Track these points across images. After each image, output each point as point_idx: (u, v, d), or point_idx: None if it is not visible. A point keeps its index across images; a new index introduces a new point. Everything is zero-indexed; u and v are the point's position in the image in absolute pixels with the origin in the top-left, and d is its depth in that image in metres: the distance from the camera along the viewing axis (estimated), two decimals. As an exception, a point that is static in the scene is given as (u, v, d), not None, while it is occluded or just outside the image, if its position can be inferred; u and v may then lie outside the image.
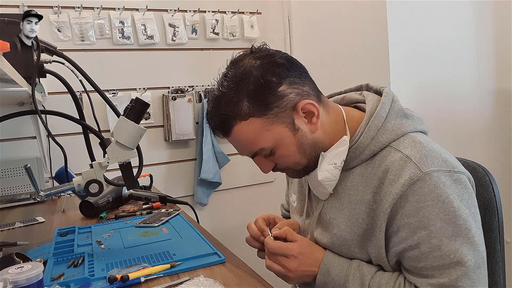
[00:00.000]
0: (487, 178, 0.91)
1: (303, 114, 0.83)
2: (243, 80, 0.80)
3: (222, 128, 0.85)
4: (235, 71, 0.82)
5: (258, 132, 0.82)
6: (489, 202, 0.90)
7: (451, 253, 0.73)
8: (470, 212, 0.76)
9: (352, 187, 0.85)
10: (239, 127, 0.82)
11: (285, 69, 0.82)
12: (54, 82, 1.10)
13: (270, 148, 0.84)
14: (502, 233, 0.89)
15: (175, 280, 0.80)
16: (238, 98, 0.80)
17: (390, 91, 0.88)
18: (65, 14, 1.96)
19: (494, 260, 0.89)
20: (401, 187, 0.76)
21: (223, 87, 0.82)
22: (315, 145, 0.86)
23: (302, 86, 0.84)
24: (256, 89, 0.80)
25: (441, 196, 0.74)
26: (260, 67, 0.81)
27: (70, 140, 1.79)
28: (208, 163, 2.21)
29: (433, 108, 1.91)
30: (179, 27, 2.21)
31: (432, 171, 0.75)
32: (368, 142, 0.83)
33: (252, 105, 0.80)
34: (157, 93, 2.19)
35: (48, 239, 1.14)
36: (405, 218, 0.76)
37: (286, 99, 0.81)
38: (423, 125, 0.87)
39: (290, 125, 0.83)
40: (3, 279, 0.60)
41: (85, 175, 0.95)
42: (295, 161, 0.86)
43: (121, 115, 0.95)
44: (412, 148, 0.79)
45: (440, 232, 0.74)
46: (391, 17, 1.78)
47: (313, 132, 0.85)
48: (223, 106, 0.82)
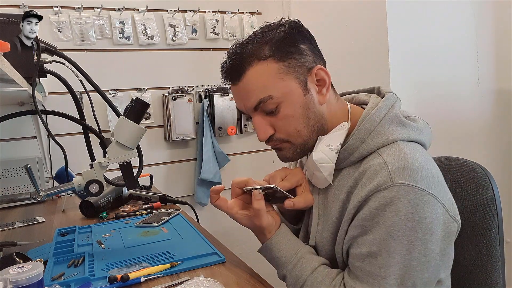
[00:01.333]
0: (487, 178, 0.91)
1: (316, 80, 0.85)
2: (270, 31, 0.84)
3: (237, 69, 0.84)
4: (265, 26, 0.86)
5: (272, 77, 0.82)
6: (488, 202, 0.90)
7: (382, 267, 0.74)
8: (423, 237, 0.72)
9: (338, 186, 0.85)
10: (254, 69, 0.82)
11: (308, 35, 0.87)
12: (54, 82, 1.10)
13: (277, 100, 0.82)
14: (502, 232, 0.89)
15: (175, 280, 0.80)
16: (261, 42, 0.83)
17: (393, 96, 0.87)
18: (65, 14, 1.96)
19: (494, 260, 0.89)
20: (368, 191, 0.76)
21: (249, 36, 0.86)
22: (319, 119, 0.85)
23: (319, 58, 0.87)
24: (280, 39, 0.83)
25: (400, 211, 0.72)
26: (287, 25, 0.85)
27: (70, 140, 1.79)
28: (208, 163, 2.21)
29: (433, 108, 1.91)
30: (179, 27, 2.21)
31: (403, 184, 0.73)
32: (358, 145, 0.82)
33: (274, 50, 0.82)
34: (157, 93, 2.19)
35: (48, 239, 1.14)
36: (361, 220, 0.77)
37: (305, 57, 0.84)
38: (422, 135, 0.84)
39: (302, 83, 0.84)
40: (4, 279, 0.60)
41: (85, 175, 0.95)
42: (297, 128, 0.84)
43: (121, 115, 0.95)
44: (394, 157, 0.77)
45: (382, 244, 0.73)
46: (391, 17, 1.78)
47: (321, 104, 0.86)
48: (245, 48, 0.83)
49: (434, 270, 0.76)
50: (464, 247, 0.92)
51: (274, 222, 0.89)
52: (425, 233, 0.72)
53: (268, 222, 0.87)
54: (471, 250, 0.91)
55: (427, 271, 0.75)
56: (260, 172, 0.85)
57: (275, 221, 0.89)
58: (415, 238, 0.72)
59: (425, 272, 0.74)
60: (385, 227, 0.73)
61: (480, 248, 0.90)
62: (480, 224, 0.90)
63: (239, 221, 0.91)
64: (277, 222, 0.89)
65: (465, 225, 0.92)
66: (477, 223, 0.90)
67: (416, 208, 0.72)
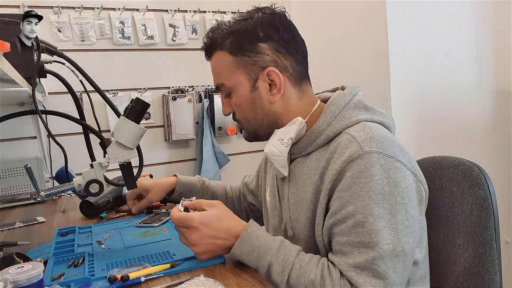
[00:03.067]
0: (482, 177, 0.91)
1: (269, 80, 0.89)
2: (241, 21, 0.90)
3: (206, 48, 0.95)
4: (244, 13, 0.94)
5: (225, 68, 0.91)
6: (484, 201, 0.90)
7: (372, 232, 0.74)
8: (402, 201, 0.76)
9: (308, 171, 0.88)
10: (216, 55, 0.93)
11: (276, 33, 0.89)
12: (54, 82, 1.10)
13: (228, 88, 0.92)
14: (498, 231, 0.90)
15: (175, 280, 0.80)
16: (228, 31, 0.90)
17: (356, 87, 0.92)
18: (65, 14, 1.96)
19: (491, 258, 0.89)
20: (341, 163, 0.78)
21: (229, 20, 0.93)
22: (269, 115, 0.91)
23: (284, 59, 0.90)
24: (242, 32, 0.89)
25: (375, 176, 0.75)
26: (258, 18, 0.90)
27: (70, 140, 1.79)
28: (208, 163, 2.21)
29: (433, 108, 1.91)
30: (179, 27, 2.21)
31: (372, 151, 0.77)
32: (324, 128, 0.86)
33: (232, 43, 0.89)
34: (157, 93, 2.19)
35: (48, 239, 1.14)
36: (338, 192, 0.79)
37: (260, 57, 0.89)
38: (385, 119, 0.89)
39: (252, 80, 0.90)
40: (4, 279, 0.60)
41: (85, 175, 0.95)
42: (246, 118, 0.93)
43: (121, 115, 0.95)
44: (360, 131, 0.81)
45: (366, 209, 0.75)
46: (391, 18, 1.78)
47: (271, 103, 0.90)
48: (216, 33, 0.92)
49: (415, 239, 0.78)
50: (461, 245, 0.92)
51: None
52: (403, 197, 0.76)
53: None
54: (468, 249, 0.91)
55: (411, 236, 0.77)
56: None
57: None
58: (395, 202, 0.75)
59: (410, 237, 0.76)
60: (364, 193, 0.75)
61: (477, 247, 0.90)
62: (476, 223, 0.90)
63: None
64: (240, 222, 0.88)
65: (462, 224, 0.92)
66: (474, 221, 0.91)
67: (389, 173, 0.76)
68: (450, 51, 1.94)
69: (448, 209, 0.95)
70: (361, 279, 0.74)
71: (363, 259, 0.74)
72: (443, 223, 0.96)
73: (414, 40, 1.84)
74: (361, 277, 0.74)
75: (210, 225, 0.84)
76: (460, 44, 1.97)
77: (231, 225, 0.85)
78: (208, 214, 0.85)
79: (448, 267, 0.94)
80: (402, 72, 1.81)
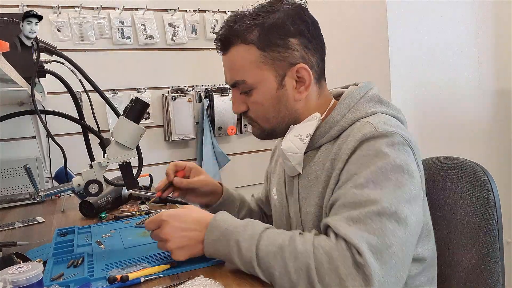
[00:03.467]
0: (486, 178, 0.91)
1: (296, 77, 0.85)
2: (267, 13, 0.83)
3: (225, 41, 0.87)
4: (267, 5, 0.85)
5: (249, 63, 0.84)
6: (487, 201, 0.90)
7: (371, 195, 0.70)
8: (410, 179, 0.72)
9: (319, 162, 0.85)
10: (237, 48, 0.85)
11: (306, 28, 0.84)
12: (53, 82, 1.10)
13: (250, 86, 0.85)
14: (501, 232, 0.89)
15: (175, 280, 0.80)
16: (253, 23, 0.83)
17: (371, 82, 0.90)
18: (64, 14, 1.96)
19: (494, 259, 0.89)
20: (354, 142, 0.76)
21: (249, 11, 0.86)
22: (291, 113, 0.87)
23: (311, 55, 0.86)
24: (271, 26, 0.82)
25: (386, 154, 0.73)
26: (286, 11, 0.83)
27: (70, 140, 1.78)
28: (208, 163, 2.21)
29: (433, 108, 1.91)
30: (179, 27, 2.21)
31: (386, 131, 0.75)
32: (338, 118, 0.84)
33: (260, 36, 0.82)
34: (157, 93, 2.19)
35: (47, 239, 1.14)
36: (347, 166, 0.76)
37: (291, 52, 0.83)
38: (400, 115, 0.87)
39: (279, 77, 0.85)
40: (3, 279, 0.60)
41: (84, 175, 0.95)
42: (265, 115, 0.88)
43: (121, 115, 0.95)
44: (375, 118, 0.80)
45: (369, 176, 0.72)
46: (391, 17, 1.78)
47: (296, 101, 0.86)
48: (238, 23, 0.84)
49: (419, 219, 0.74)
50: (463, 246, 0.92)
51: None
52: (411, 177, 0.73)
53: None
54: (471, 250, 0.91)
55: (416, 212, 0.72)
56: (260, 172, 0.86)
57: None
58: (401, 177, 0.72)
59: (414, 211, 0.71)
60: (371, 164, 0.73)
61: (479, 248, 0.90)
62: (479, 224, 0.90)
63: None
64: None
65: (465, 225, 0.92)
66: (477, 222, 0.90)
67: (399, 154, 0.73)
68: (450, 51, 1.94)
69: (451, 209, 0.95)
70: (350, 230, 0.67)
71: (357, 212, 0.69)
72: (446, 224, 0.96)
73: (414, 40, 1.84)
74: (351, 228, 0.67)
75: (179, 217, 0.82)
76: (460, 44, 1.97)
77: (200, 215, 0.83)
78: (176, 209, 0.85)
79: (451, 268, 0.93)
80: (402, 72, 1.81)
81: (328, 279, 0.65)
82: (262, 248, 0.73)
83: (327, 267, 0.66)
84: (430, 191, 0.99)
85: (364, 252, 0.64)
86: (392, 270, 0.66)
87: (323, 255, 0.67)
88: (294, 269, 0.68)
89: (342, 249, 0.66)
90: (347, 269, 0.64)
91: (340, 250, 0.66)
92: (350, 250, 0.65)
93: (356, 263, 0.64)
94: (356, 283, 0.63)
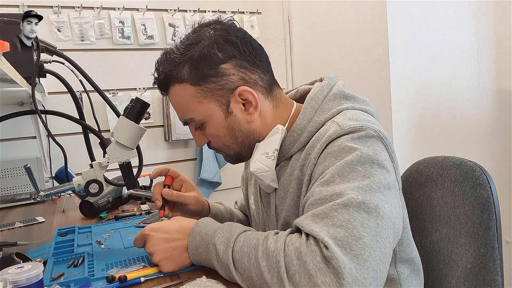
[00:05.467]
0: (484, 177, 0.91)
1: (242, 100, 0.83)
2: (192, 45, 0.82)
3: (161, 85, 0.86)
4: (191, 36, 0.84)
5: (190, 101, 0.83)
6: (486, 201, 0.90)
7: (336, 189, 0.67)
8: (380, 169, 0.70)
9: (292, 172, 0.83)
10: (174, 89, 0.84)
11: (235, 49, 0.81)
12: (54, 82, 1.10)
13: (200, 121, 0.84)
14: (500, 232, 0.90)
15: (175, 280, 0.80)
16: (181, 60, 0.82)
17: (334, 77, 0.88)
18: (65, 14, 1.96)
19: (492, 258, 0.89)
20: (321, 145, 0.75)
21: (175, 46, 0.84)
22: (249, 135, 0.85)
23: (251, 73, 0.83)
24: (199, 58, 0.80)
25: (352, 146, 0.71)
26: (211, 38, 0.81)
27: (70, 140, 1.79)
28: (208, 163, 2.21)
29: (433, 108, 1.91)
30: (179, 27, 2.21)
31: (352, 126, 0.74)
32: (305, 124, 0.82)
33: (191, 72, 0.81)
34: (157, 93, 2.17)
35: (48, 239, 1.14)
36: (316, 166, 0.75)
37: (226, 79, 0.81)
38: (369, 106, 0.85)
39: (223, 106, 0.83)
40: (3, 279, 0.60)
41: (85, 175, 0.95)
42: (225, 144, 0.87)
43: (121, 115, 0.95)
44: (341, 116, 0.78)
45: (335, 171, 0.69)
46: (391, 17, 1.78)
47: (249, 122, 0.84)
48: (167, 64, 0.83)
49: (395, 209, 0.69)
50: (462, 246, 0.92)
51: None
52: (382, 167, 0.70)
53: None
54: (470, 249, 0.91)
55: (390, 202, 0.68)
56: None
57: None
58: (370, 167, 0.69)
59: (387, 201, 0.68)
60: (337, 160, 0.71)
61: (478, 247, 0.90)
62: (478, 223, 0.90)
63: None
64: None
65: (463, 224, 0.92)
66: (476, 222, 0.90)
67: (365, 144, 0.72)
68: (450, 51, 1.94)
69: (450, 209, 0.95)
70: (316, 226, 0.64)
71: (323, 207, 0.66)
72: (445, 223, 0.96)
73: (414, 40, 1.84)
74: (317, 225, 0.64)
75: (161, 229, 0.82)
76: (460, 44, 1.97)
77: (183, 224, 0.82)
78: (160, 222, 0.85)
79: (449, 267, 0.93)
80: (402, 72, 1.81)
81: (298, 277, 0.62)
82: (237, 249, 0.71)
83: (296, 263, 0.62)
84: (429, 191, 1.00)
85: (330, 245, 0.61)
86: (367, 263, 0.61)
87: (292, 252, 0.64)
88: (267, 269, 0.65)
89: (311, 244, 0.63)
90: (316, 264, 0.61)
91: (309, 246, 0.63)
92: (318, 245, 0.62)
93: (324, 257, 0.61)
94: (327, 278, 0.59)
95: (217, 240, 0.74)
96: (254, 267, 0.67)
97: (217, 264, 0.74)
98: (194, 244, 0.78)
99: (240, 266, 0.70)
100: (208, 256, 0.75)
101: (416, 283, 0.85)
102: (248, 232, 0.74)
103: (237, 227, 0.76)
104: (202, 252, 0.77)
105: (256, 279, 0.67)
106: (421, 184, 1.01)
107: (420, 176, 1.02)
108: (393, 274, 0.82)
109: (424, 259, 0.94)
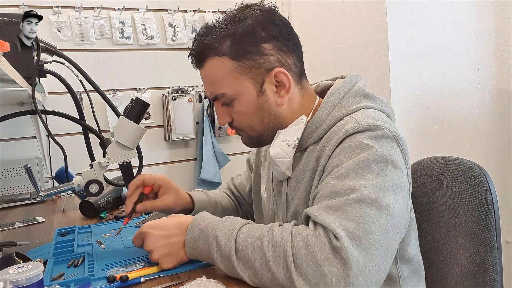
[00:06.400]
0: (484, 177, 0.91)
1: (275, 82, 0.84)
2: (236, 22, 0.83)
3: (198, 56, 0.86)
4: (235, 13, 0.85)
5: (226, 75, 0.83)
6: (485, 201, 0.90)
7: (351, 184, 0.69)
8: (394, 170, 0.72)
9: (307, 163, 0.85)
10: (211, 62, 0.84)
11: (278, 31, 0.84)
12: (54, 82, 1.10)
13: (231, 97, 0.85)
14: (499, 231, 0.90)
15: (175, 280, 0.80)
16: (224, 34, 0.82)
17: (356, 75, 0.89)
18: (65, 14, 1.96)
19: (492, 258, 0.89)
20: (337, 138, 0.77)
21: (218, 21, 0.85)
22: (275, 118, 0.87)
23: (287, 57, 0.85)
24: (242, 34, 0.82)
25: (369, 146, 0.72)
26: (257, 17, 0.83)
27: (70, 140, 1.79)
28: (208, 163, 2.21)
29: (433, 108, 1.92)
30: (179, 27, 2.21)
31: (370, 124, 0.75)
32: (324, 117, 0.84)
33: (232, 47, 0.82)
34: (157, 93, 2.19)
35: (48, 239, 1.14)
36: (331, 159, 0.76)
37: (265, 58, 0.83)
38: (387, 108, 0.86)
39: (258, 84, 0.84)
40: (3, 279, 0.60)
41: (85, 175, 0.95)
42: (250, 124, 0.87)
43: (121, 115, 0.95)
44: (359, 113, 0.80)
45: (351, 166, 0.71)
46: (391, 17, 1.78)
47: (278, 105, 0.86)
48: (208, 36, 0.84)
49: (404, 209, 0.72)
50: (461, 245, 0.92)
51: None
52: (396, 168, 0.72)
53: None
54: (469, 249, 0.91)
55: (400, 201, 0.70)
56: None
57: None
58: (385, 167, 0.71)
59: (398, 200, 0.70)
60: (353, 156, 0.73)
61: (477, 247, 0.90)
62: (477, 223, 0.90)
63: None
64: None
65: (463, 224, 0.92)
66: (475, 222, 0.91)
67: (382, 145, 0.73)
68: (450, 51, 1.94)
69: (449, 208, 0.95)
70: (329, 217, 0.66)
71: (336, 201, 0.68)
72: (444, 223, 0.96)
73: (414, 40, 1.84)
74: (330, 216, 0.66)
75: (159, 225, 0.82)
76: (460, 44, 1.97)
77: (182, 219, 0.83)
78: (158, 219, 0.85)
79: (449, 267, 0.94)
80: (402, 72, 1.81)
81: (306, 266, 0.63)
82: (241, 240, 0.72)
83: (304, 253, 0.64)
84: (429, 190, 1.00)
85: (341, 236, 0.63)
86: (373, 257, 0.63)
87: (300, 242, 0.65)
88: (273, 258, 0.66)
89: (319, 235, 0.65)
90: (324, 254, 0.63)
91: (318, 236, 0.65)
92: (327, 235, 0.64)
93: (333, 248, 0.63)
94: (334, 268, 0.62)
95: (218, 232, 0.74)
96: (258, 257, 0.68)
97: (216, 256, 0.74)
98: (192, 237, 0.78)
99: (243, 257, 0.71)
100: (207, 248, 0.76)
101: (416, 284, 0.84)
102: (251, 224, 0.76)
103: (238, 220, 0.77)
104: (200, 245, 0.77)
105: (259, 268, 0.68)
106: (420, 184, 1.01)
107: (419, 176, 1.02)
108: (393, 272, 0.83)
109: (423, 258, 0.94)
